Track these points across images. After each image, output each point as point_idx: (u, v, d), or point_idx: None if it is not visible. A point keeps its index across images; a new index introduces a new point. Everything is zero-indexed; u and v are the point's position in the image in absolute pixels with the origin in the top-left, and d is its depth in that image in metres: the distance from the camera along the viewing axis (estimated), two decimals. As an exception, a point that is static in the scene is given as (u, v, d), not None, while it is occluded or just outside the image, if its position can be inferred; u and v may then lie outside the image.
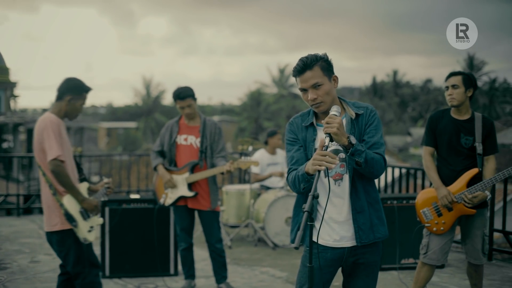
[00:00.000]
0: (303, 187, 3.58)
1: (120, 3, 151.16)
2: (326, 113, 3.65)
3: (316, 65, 3.60)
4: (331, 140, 3.42)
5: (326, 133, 3.41)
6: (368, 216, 3.70)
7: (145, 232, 7.38)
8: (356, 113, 3.72)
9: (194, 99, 6.65)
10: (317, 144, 3.67)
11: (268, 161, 10.00)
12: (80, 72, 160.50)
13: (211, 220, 6.75)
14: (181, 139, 6.73)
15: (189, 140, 6.72)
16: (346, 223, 3.70)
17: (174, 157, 6.74)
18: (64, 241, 5.20)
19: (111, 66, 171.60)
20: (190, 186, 6.65)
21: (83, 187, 5.34)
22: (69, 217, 5.12)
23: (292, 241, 3.80)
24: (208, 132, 6.70)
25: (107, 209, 7.31)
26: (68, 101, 5.21)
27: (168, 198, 6.73)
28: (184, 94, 6.58)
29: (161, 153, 6.85)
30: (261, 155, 9.99)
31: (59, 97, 5.26)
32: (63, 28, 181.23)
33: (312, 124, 3.75)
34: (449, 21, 5.84)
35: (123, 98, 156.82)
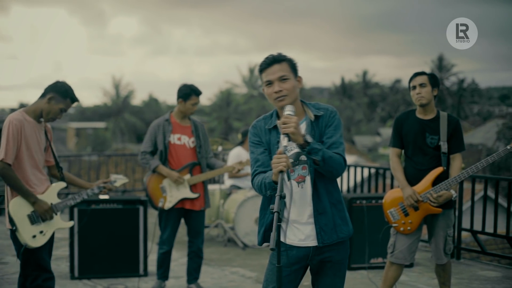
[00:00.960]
0: (269, 193, 3.65)
1: (90, 3, 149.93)
2: None
3: (284, 61, 3.73)
4: (289, 139, 3.46)
5: (284, 134, 3.46)
6: (331, 217, 3.74)
7: (114, 233, 7.35)
8: (315, 115, 3.76)
9: None
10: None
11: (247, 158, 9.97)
12: (49, 72, 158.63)
13: (202, 220, 6.75)
14: (174, 139, 6.63)
15: (182, 140, 6.65)
16: (309, 223, 3.74)
17: (168, 157, 6.65)
18: (15, 241, 5.14)
19: (81, 66, 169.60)
20: (191, 187, 6.62)
21: (56, 187, 5.26)
22: (10, 220, 5.05)
23: (259, 243, 3.86)
24: (200, 132, 6.69)
25: (75, 210, 7.24)
26: (49, 99, 5.09)
27: (167, 201, 6.60)
28: (200, 91, 6.57)
29: (153, 154, 6.72)
30: (238, 152, 9.95)
31: (42, 95, 5.16)
32: (32, 28, 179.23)
33: (275, 127, 3.78)
34: (420, 22, 5.91)
35: (92, 98, 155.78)
